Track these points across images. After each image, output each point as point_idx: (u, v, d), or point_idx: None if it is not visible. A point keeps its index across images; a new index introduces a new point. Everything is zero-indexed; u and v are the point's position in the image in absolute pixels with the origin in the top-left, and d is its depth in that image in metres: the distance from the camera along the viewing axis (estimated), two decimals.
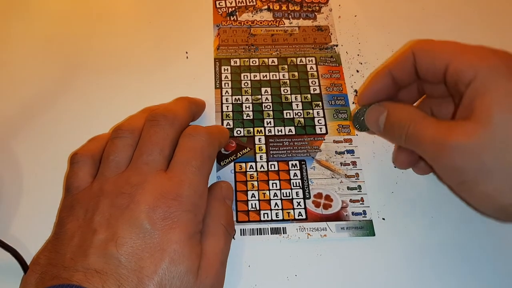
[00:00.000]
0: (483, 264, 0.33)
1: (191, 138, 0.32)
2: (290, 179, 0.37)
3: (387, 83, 0.33)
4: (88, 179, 0.31)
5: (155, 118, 0.32)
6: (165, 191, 0.29)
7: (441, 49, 0.30)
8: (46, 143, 0.38)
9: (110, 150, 0.32)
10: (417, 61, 0.31)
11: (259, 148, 0.38)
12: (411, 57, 0.31)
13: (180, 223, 0.28)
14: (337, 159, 0.38)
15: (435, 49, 0.30)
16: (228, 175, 0.37)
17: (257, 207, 0.35)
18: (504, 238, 0.34)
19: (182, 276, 0.27)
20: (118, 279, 0.26)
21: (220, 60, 0.44)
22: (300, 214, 0.35)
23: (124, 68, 0.43)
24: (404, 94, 0.34)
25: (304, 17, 0.48)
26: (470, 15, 0.48)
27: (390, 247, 0.34)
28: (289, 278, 0.32)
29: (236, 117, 0.40)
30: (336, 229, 0.34)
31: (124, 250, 0.27)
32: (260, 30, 0.46)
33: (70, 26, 0.46)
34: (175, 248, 0.27)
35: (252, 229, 0.34)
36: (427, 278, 0.33)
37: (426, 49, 0.30)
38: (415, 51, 0.31)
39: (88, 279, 0.26)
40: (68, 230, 0.29)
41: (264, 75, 0.43)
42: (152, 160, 0.30)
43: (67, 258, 0.27)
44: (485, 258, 0.33)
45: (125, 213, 0.28)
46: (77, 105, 0.41)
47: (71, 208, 0.30)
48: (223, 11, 0.48)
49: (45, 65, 0.43)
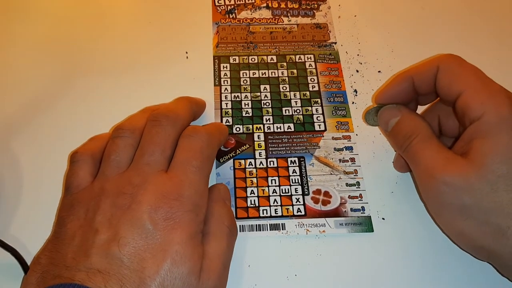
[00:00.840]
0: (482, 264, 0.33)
1: (191, 138, 0.32)
2: (289, 176, 0.37)
3: (407, 88, 0.33)
4: (88, 178, 0.31)
5: (157, 118, 0.32)
6: (167, 192, 0.29)
7: (462, 74, 0.30)
8: (46, 143, 0.38)
9: (111, 149, 0.32)
10: (437, 76, 0.31)
11: (258, 145, 0.38)
12: (435, 69, 0.31)
13: (182, 223, 0.28)
14: (335, 155, 0.38)
15: (457, 71, 0.30)
16: (227, 172, 0.37)
17: (256, 203, 0.35)
18: None
19: (184, 278, 0.27)
20: (121, 279, 0.26)
21: (219, 57, 0.44)
22: (299, 210, 0.35)
23: (125, 68, 0.43)
24: (422, 99, 0.35)
25: (303, 14, 0.48)
26: (470, 15, 0.48)
27: (388, 243, 0.34)
28: (289, 278, 0.32)
29: (235, 114, 0.40)
30: (334, 225, 0.34)
31: (127, 251, 0.27)
32: (259, 28, 0.46)
33: (70, 26, 0.46)
34: (177, 249, 0.27)
35: (252, 225, 0.34)
36: (426, 274, 0.33)
37: (450, 69, 0.30)
38: (440, 65, 0.31)
39: (90, 278, 0.26)
40: (69, 230, 0.29)
41: (263, 72, 0.43)
42: (154, 161, 0.31)
43: (68, 257, 0.27)
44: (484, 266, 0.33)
45: (126, 213, 0.28)
46: (77, 105, 0.41)
47: (71, 207, 0.30)
48: (222, 9, 0.48)
49: (45, 65, 0.43)
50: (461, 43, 0.45)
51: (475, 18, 0.48)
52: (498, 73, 0.42)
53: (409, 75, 0.33)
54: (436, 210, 0.30)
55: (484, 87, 0.29)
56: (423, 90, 0.33)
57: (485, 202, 0.27)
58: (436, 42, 0.46)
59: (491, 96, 0.28)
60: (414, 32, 0.46)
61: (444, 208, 0.29)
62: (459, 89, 0.29)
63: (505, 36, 0.46)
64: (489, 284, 0.32)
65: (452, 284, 0.32)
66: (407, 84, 0.33)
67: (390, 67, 0.44)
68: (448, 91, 0.30)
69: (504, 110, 0.27)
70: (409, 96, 0.33)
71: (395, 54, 0.45)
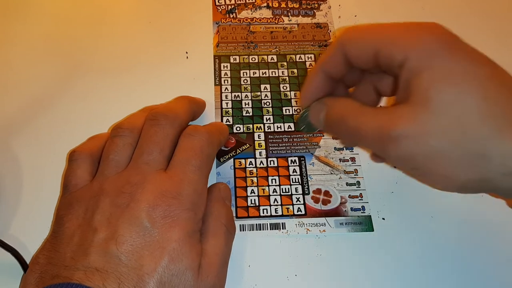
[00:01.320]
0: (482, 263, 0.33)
1: (191, 138, 0.32)
2: (289, 175, 0.37)
3: (322, 80, 0.32)
4: (86, 177, 0.31)
5: (156, 118, 0.32)
6: (165, 190, 0.29)
7: (369, 35, 0.28)
8: (46, 143, 0.38)
9: (110, 149, 0.32)
10: (346, 52, 0.29)
11: (259, 144, 0.38)
12: (340, 49, 0.30)
13: (180, 222, 0.28)
14: (336, 155, 0.38)
15: (363, 36, 0.29)
16: (227, 171, 0.37)
17: (256, 203, 0.35)
18: (503, 237, 0.34)
19: (182, 274, 0.27)
20: (119, 277, 0.26)
21: (219, 57, 0.44)
22: (299, 209, 0.35)
23: (124, 68, 0.43)
24: (349, 80, 0.33)
25: (303, 14, 0.48)
26: (470, 15, 0.48)
27: (388, 243, 0.34)
28: (289, 278, 0.32)
29: (236, 113, 0.40)
30: (335, 225, 0.34)
31: (125, 248, 0.27)
32: (260, 28, 0.46)
33: (70, 26, 0.46)
34: (174, 246, 0.27)
35: (252, 224, 0.34)
36: (426, 274, 0.33)
37: (354, 38, 0.29)
38: (343, 42, 0.29)
39: (88, 277, 0.26)
40: (68, 229, 0.29)
41: (263, 72, 0.43)
42: (152, 160, 0.31)
43: (67, 257, 0.27)
44: (485, 258, 0.33)
45: (125, 212, 0.28)
46: (77, 105, 0.41)
47: (70, 206, 0.30)
48: (223, 8, 0.48)
49: (45, 64, 0.43)
50: None
51: (475, 18, 0.48)
52: None
53: (318, 68, 0.31)
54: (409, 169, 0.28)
55: (396, 31, 0.27)
56: (339, 74, 0.31)
57: (450, 134, 0.25)
58: None
59: (407, 35, 0.27)
60: None
61: (414, 162, 0.26)
62: (374, 48, 0.28)
63: (505, 36, 0.46)
64: (489, 283, 0.32)
65: (452, 283, 0.32)
66: (320, 76, 0.31)
67: None
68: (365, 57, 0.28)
69: (425, 40, 0.26)
70: (330, 87, 0.32)
71: None
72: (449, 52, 0.26)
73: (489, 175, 0.25)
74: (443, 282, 0.32)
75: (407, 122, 0.25)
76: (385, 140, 0.26)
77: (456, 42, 0.27)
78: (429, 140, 0.25)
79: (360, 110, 0.28)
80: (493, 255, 0.33)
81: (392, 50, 0.27)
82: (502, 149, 0.24)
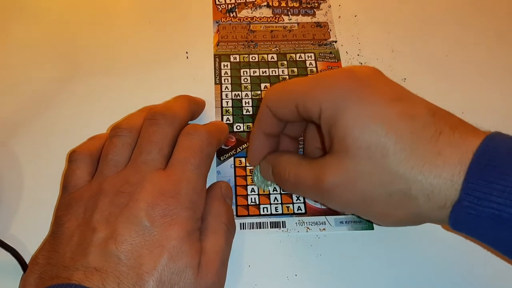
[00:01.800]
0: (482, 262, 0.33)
1: (190, 137, 0.32)
2: None
3: (264, 139, 0.33)
4: (86, 178, 0.32)
5: (154, 117, 0.32)
6: (164, 189, 0.29)
7: (286, 93, 0.30)
8: (46, 143, 0.38)
9: (109, 149, 0.32)
10: (272, 111, 0.31)
11: None
12: (268, 111, 0.31)
13: (179, 220, 0.28)
14: None
15: (282, 95, 0.30)
16: (228, 169, 0.37)
17: (256, 201, 0.35)
18: None
19: (181, 272, 0.27)
20: (118, 277, 0.26)
21: (220, 56, 0.44)
22: (299, 208, 0.35)
23: (124, 68, 0.43)
24: (291, 131, 0.34)
25: (303, 13, 0.48)
26: (471, 15, 0.48)
27: (388, 241, 0.34)
28: (289, 278, 0.32)
29: (236, 112, 0.40)
30: (335, 223, 0.34)
31: (124, 248, 0.27)
32: (260, 27, 0.46)
33: (70, 26, 0.46)
34: (174, 245, 0.27)
35: (252, 223, 0.34)
36: (426, 272, 0.32)
37: (274, 98, 0.31)
38: (267, 103, 0.31)
39: (88, 277, 0.26)
40: (67, 229, 0.29)
41: (263, 71, 0.43)
42: (151, 159, 0.31)
43: (66, 257, 0.27)
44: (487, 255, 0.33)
45: (124, 211, 0.28)
46: (77, 105, 0.41)
47: (69, 206, 0.30)
48: (223, 7, 0.48)
49: (44, 64, 0.43)
50: (461, 43, 0.45)
51: (475, 18, 0.47)
52: (498, 73, 0.42)
53: (255, 131, 0.33)
54: (350, 212, 0.30)
55: (313, 84, 0.29)
56: (277, 132, 0.33)
57: (372, 177, 0.26)
58: (437, 42, 0.45)
59: (321, 86, 0.28)
60: (414, 32, 0.46)
61: (352, 207, 0.28)
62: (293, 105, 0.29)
63: (505, 36, 0.46)
64: (489, 282, 0.32)
65: (452, 282, 0.32)
66: (261, 138, 0.33)
67: (390, 67, 0.43)
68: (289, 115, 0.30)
69: (338, 89, 0.27)
70: (272, 143, 0.33)
71: (395, 54, 0.44)
72: (359, 96, 0.27)
73: (420, 210, 0.26)
74: (443, 281, 0.32)
75: (335, 171, 0.27)
76: (321, 191, 0.28)
77: (368, 84, 0.27)
78: (357, 185, 0.26)
79: (297, 164, 0.30)
80: (494, 252, 0.33)
81: (307, 104, 0.28)
82: (425, 186, 0.25)
